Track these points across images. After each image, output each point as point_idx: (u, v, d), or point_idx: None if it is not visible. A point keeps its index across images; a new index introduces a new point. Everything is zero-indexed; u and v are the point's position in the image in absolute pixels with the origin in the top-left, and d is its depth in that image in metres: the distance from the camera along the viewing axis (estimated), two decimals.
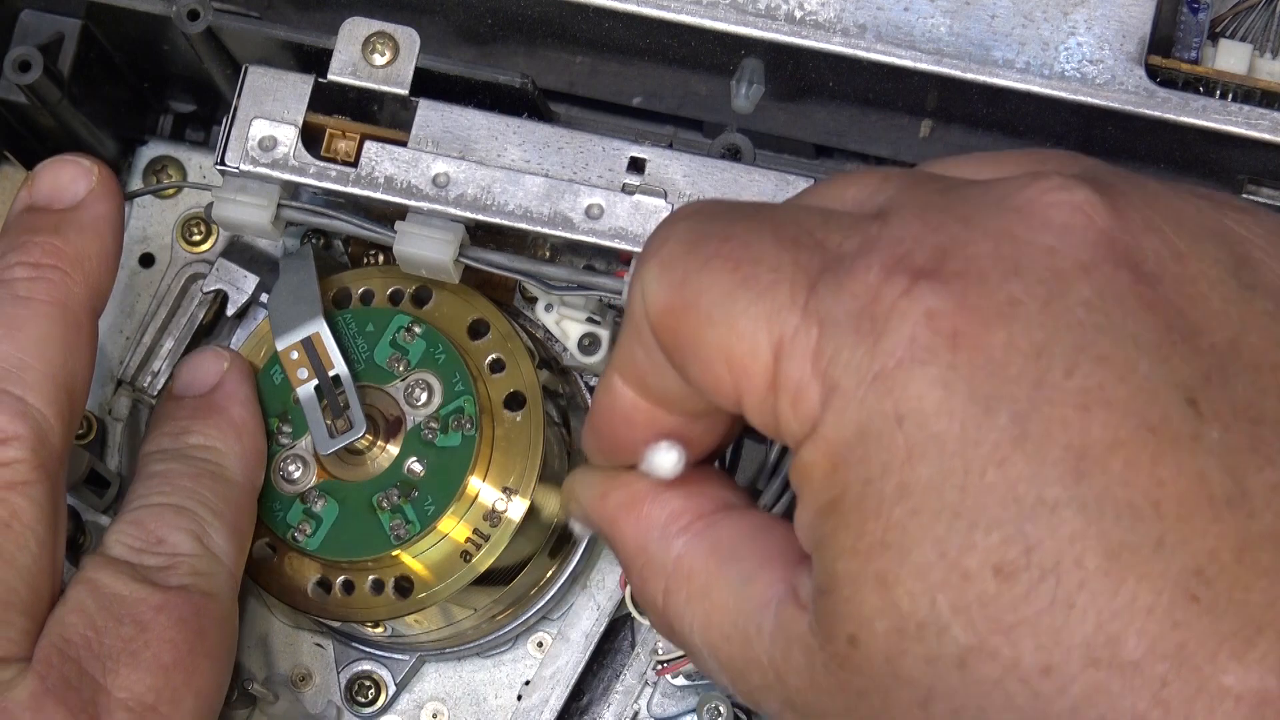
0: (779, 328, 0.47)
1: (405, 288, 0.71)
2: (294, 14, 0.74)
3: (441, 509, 0.68)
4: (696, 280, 0.49)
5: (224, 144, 0.69)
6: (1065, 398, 0.45)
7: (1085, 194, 0.47)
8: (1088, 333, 0.45)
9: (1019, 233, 0.47)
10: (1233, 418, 0.45)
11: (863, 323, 0.46)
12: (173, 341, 0.74)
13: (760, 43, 0.69)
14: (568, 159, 0.68)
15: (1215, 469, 0.44)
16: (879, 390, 0.46)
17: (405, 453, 0.69)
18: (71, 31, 0.72)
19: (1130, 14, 0.68)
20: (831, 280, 0.47)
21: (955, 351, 0.45)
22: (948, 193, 0.49)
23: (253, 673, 0.73)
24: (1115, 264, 0.46)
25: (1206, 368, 0.45)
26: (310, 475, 0.70)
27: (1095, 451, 0.44)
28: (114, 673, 0.61)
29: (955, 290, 0.46)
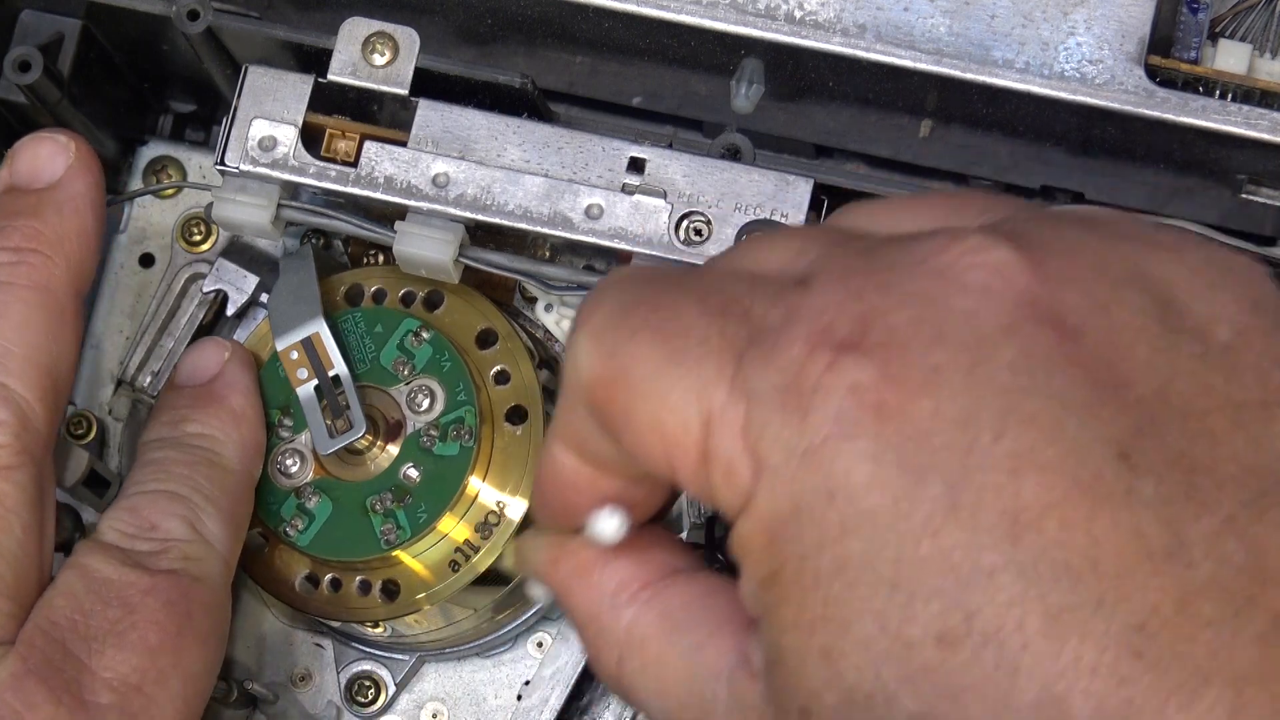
0: (708, 402, 0.47)
1: (418, 290, 0.71)
2: (294, 14, 0.74)
3: (433, 517, 0.68)
4: (626, 352, 0.49)
5: (224, 144, 0.69)
6: (995, 463, 0.44)
7: (1003, 253, 0.47)
8: (1014, 396, 0.45)
9: (939, 298, 0.46)
10: (1166, 468, 0.44)
11: (789, 398, 0.46)
12: (173, 341, 0.74)
13: (760, 43, 0.69)
14: (567, 159, 0.68)
15: (1151, 522, 0.44)
16: (809, 466, 0.46)
17: (403, 457, 0.69)
18: (71, 31, 0.72)
19: (1130, 14, 0.68)
20: (757, 354, 0.47)
21: (882, 424, 0.45)
22: (869, 255, 0.48)
23: (253, 673, 0.73)
24: (1038, 323, 0.46)
25: (1137, 420, 0.45)
26: (307, 470, 0.70)
27: (1029, 515, 0.44)
28: (99, 654, 0.61)
29: (878, 362, 0.46)
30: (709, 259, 0.53)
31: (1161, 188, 0.70)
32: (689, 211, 0.67)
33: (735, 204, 0.67)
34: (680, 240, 0.67)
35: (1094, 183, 0.71)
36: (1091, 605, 0.43)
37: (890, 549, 0.45)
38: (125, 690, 0.61)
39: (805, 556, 0.46)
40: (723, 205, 0.67)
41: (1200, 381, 0.46)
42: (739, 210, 0.67)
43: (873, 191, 0.69)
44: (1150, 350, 0.46)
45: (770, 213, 0.67)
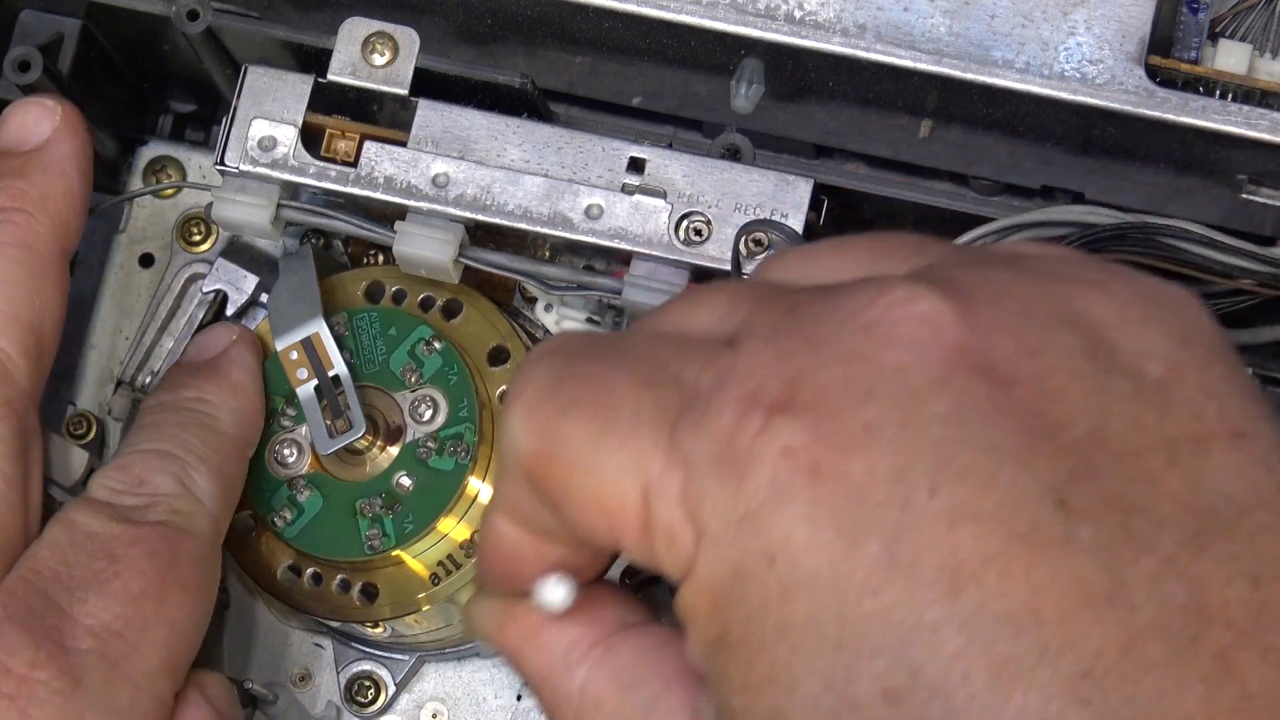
0: (645, 472, 0.47)
1: (439, 297, 0.71)
2: (294, 14, 0.74)
3: (419, 529, 0.68)
4: (559, 427, 0.49)
5: (224, 144, 0.69)
6: (931, 518, 0.44)
7: (931, 302, 0.47)
8: (947, 449, 0.45)
9: (868, 353, 0.46)
10: (1104, 511, 0.44)
11: (724, 465, 0.46)
12: (172, 341, 0.74)
13: (760, 43, 0.69)
14: (567, 159, 0.68)
15: (1091, 567, 0.44)
16: (747, 532, 0.45)
17: (398, 465, 0.69)
18: (71, 31, 0.72)
19: (1130, 14, 0.68)
20: (690, 421, 0.47)
21: (817, 486, 0.45)
22: (796, 312, 0.48)
23: (253, 673, 0.73)
24: (968, 373, 0.46)
25: (1072, 465, 0.45)
26: (303, 463, 0.70)
27: (968, 567, 0.44)
28: (81, 601, 0.61)
29: (810, 422, 0.45)
30: (638, 320, 0.53)
31: (1161, 188, 0.70)
32: (689, 211, 0.67)
33: (735, 204, 0.67)
34: (680, 240, 0.67)
35: (1094, 183, 0.71)
36: (1036, 655, 0.43)
37: (832, 610, 0.44)
38: (106, 636, 0.60)
39: (750, 620, 0.46)
40: (723, 205, 0.67)
41: (1134, 420, 0.46)
42: (739, 210, 0.67)
43: (873, 192, 0.69)
44: (1082, 392, 0.46)
45: (770, 213, 0.67)
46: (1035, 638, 0.43)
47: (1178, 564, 0.44)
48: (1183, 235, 0.66)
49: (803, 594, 0.45)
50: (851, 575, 0.44)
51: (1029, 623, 0.43)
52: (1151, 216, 0.67)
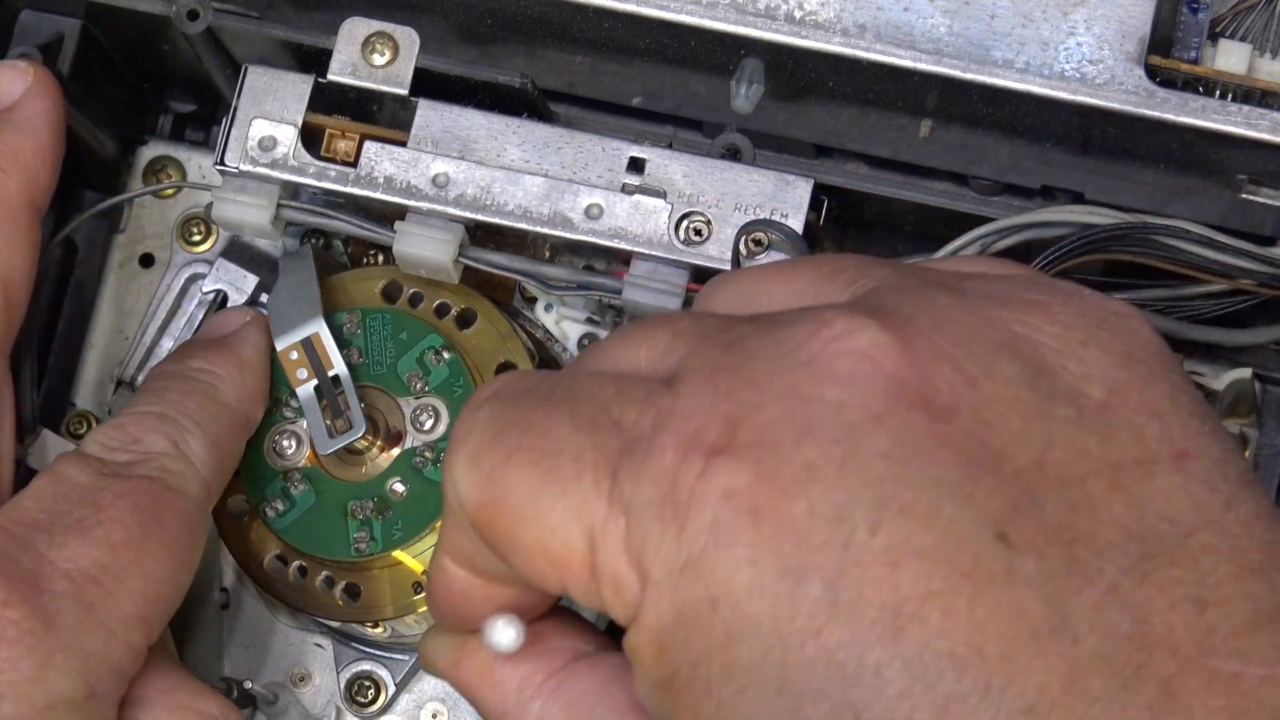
0: (588, 519, 0.47)
1: (455, 305, 0.71)
2: (294, 14, 0.74)
3: (408, 537, 0.68)
4: (502, 476, 0.49)
5: (224, 144, 0.69)
6: (873, 557, 0.44)
7: (870, 335, 0.46)
8: (888, 486, 0.44)
9: (808, 390, 0.46)
10: (1046, 543, 0.44)
11: (665, 510, 0.46)
12: (172, 341, 0.74)
13: (760, 43, 0.69)
14: (567, 159, 0.68)
15: (1034, 600, 0.43)
16: (690, 577, 0.45)
17: (393, 471, 0.69)
18: (71, 31, 0.72)
19: (1130, 14, 0.68)
20: (630, 466, 0.47)
21: (758, 528, 0.45)
22: (735, 348, 0.48)
23: (252, 673, 0.73)
24: (908, 407, 0.45)
25: (1014, 496, 0.45)
26: (301, 455, 0.70)
27: (910, 606, 0.43)
28: (61, 546, 0.61)
29: (749, 464, 0.45)
30: (580, 357, 0.53)
31: (1161, 188, 0.70)
32: (689, 211, 0.67)
33: (735, 204, 0.67)
34: (680, 240, 0.67)
35: (1094, 183, 0.71)
36: (980, 692, 0.43)
37: (775, 653, 0.44)
38: (83, 580, 0.61)
39: (695, 664, 0.46)
40: (723, 205, 0.67)
41: (1075, 446, 0.45)
42: (739, 210, 0.67)
43: (873, 192, 0.69)
44: (1023, 420, 0.46)
45: (770, 213, 0.67)
46: (978, 675, 0.43)
47: (1121, 592, 0.44)
48: (1182, 235, 0.66)
49: (746, 638, 0.45)
50: (794, 618, 0.44)
51: (972, 660, 0.43)
52: (1151, 216, 0.67)
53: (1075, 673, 0.43)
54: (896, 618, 0.43)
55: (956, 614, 0.43)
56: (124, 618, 0.61)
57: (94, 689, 0.60)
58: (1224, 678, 0.43)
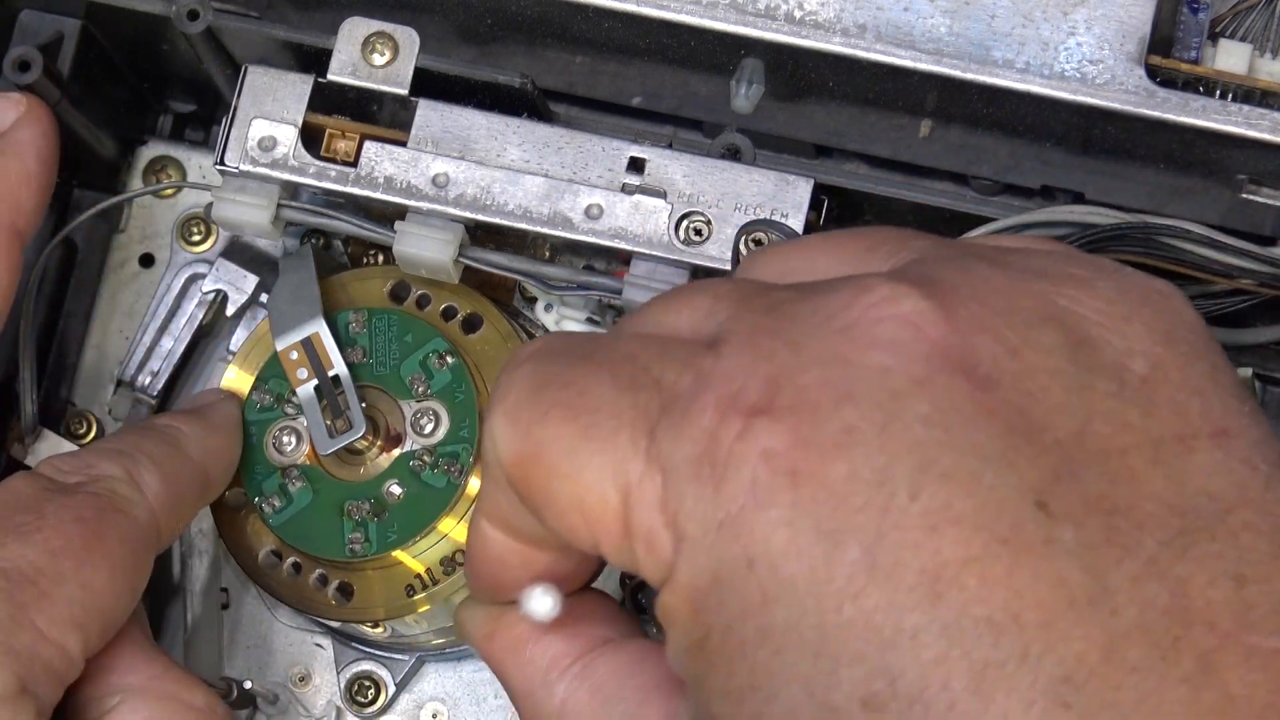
0: (624, 476, 0.47)
1: (462, 309, 0.71)
2: (294, 14, 0.74)
3: (402, 541, 0.68)
4: (540, 432, 0.49)
5: (223, 144, 0.69)
6: (912, 521, 0.44)
7: (913, 303, 0.46)
8: (929, 451, 0.44)
9: (850, 354, 0.46)
10: (1085, 513, 0.44)
11: (703, 469, 0.46)
12: (172, 341, 0.74)
13: (760, 43, 0.69)
14: (567, 159, 0.68)
15: (1073, 570, 0.43)
16: (727, 537, 0.45)
17: (391, 473, 0.69)
18: (71, 31, 0.72)
19: (1130, 14, 0.68)
20: (669, 424, 0.47)
21: (797, 490, 0.45)
22: (777, 313, 0.48)
23: (252, 673, 0.73)
24: (950, 373, 0.45)
25: (1054, 465, 0.44)
26: (300, 452, 0.70)
27: (949, 572, 0.43)
28: (1, 546, 0.61)
29: (790, 425, 0.45)
30: (620, 321, 0.53)
31: (1161, 188, 0.70)
32: (689, 211, 0.67)
33: (735, 204, 0.67)
34: (680, 240, 0.67)
35: (1094, 183, 0.71)
36: (1017, 659, 0.43)
37: (812, 615, 0.44)
38: (18, 579, 0.61)
39: (730, 626, 0.46)
40: (723, 205, 0.67)
41: (1117, 420, 0.45)
42: (739, 210, 0.67)
43: (873, 192, 0.69)
44: (1065, 392, 0.46)
45: (770, 213, 0.67)
46: (1016, 642, 0.43)
47: (1160, 565, 0.44)
48: (1183, 235, 0.66)
49: (783, 599, 0.45)
50: (831, 580, 0.44)
51: (1010, 627, 0.43)
52: (1151, 216, 0.67)
53: (1113, 642, 0.43)
54: (935, 582, 0.43)
55: (995, 580, 0.43)
56: (57, 620, 0.61)
57: (26, 686, 0.60)
58: (1262, 654, 0.43)
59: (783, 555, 0.45)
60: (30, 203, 0.67)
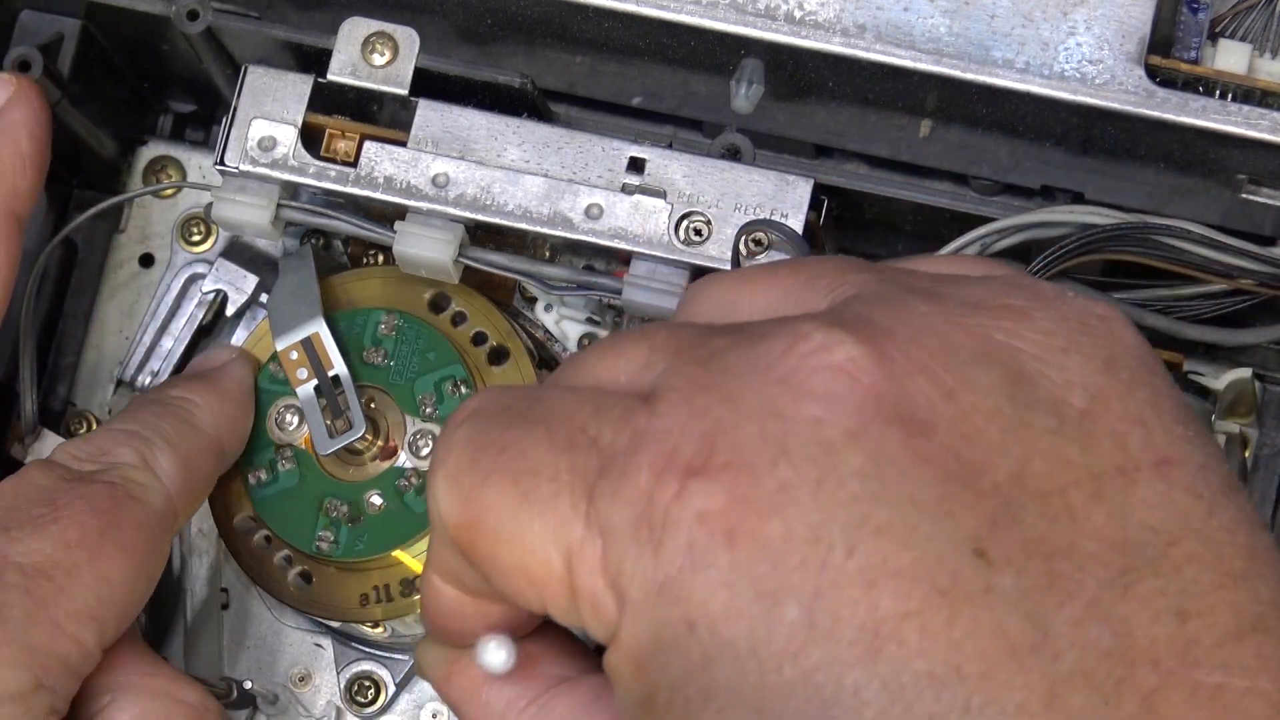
0: (566, 540, 0.47)
1: (493, 339, 0.71)
2: (294, 14, 0.74)
3: (369, 552, 0.69)
4: (481, 496, 0.49)
5: (223, 144, 0.69)
6: (850, 578, 0.44)
7: (846, 350, 0.46)
8: (864, 505, 0.44)
9: (784, 407, 0.46)
10: (1025, 558, 0.44)
11: (641, 531, 0.46)
12: (172, 341, 0.74)
13: (760, 43, 0.69)
14: (567, 159, 0.68)
15: (1013, 617, 0.43)
16: (667, 600, 0.45)
17: (376, 483, 0.69)
18: (71, 31, 0.72)
19: (1130, 14, 0.68)
20: (607, 486, 0.47)
21: (734, 550, 0.44)
22: (711, 364, 0.48)
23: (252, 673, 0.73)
24: (885, 422, 0.45)
25: (992, 511, 0.44)
26: (299, 434, 0.70)
27: (888, 627, 0.43)
28: (16, 540, 0.61)
29: (725, 485, 0.45)
30: (559, 369, 0.53)
31: (1161, 188, 0.70)
32: (689, 211, 0.67)
33: (735, 204, 0.67)
34: (680, 240, 0.67)
35: (1094, 183, 0.71)
36: (959, 711, 0.42)
37: (753, 676, 0.44)
38: (34, 574, 0.61)
39: (674, 686, 0.46)
40: (723, 205, 0.67)
41: (1056, 457, 0.45)
42: (739, 210, 0.67)
43: (873, 191, 0.69)
44: (1002, 432, 0.45)
45: (770, 212, 0.67)
46: (957, 694, 0.43)
47: (1102, 605, 0.43)
48: (1183, 235, 0.66)
49: (724, 660, 0.45)
50: (771, 640, 0.44)
51: (951, 679, 0.43)
52: (1151, 216, 0.67)
53: (1055, 689, 0.43)
54: (874, 638, 0.43)
55: (934, 633, 0.43)
56: (74, 614, 0.61)
57: (41, 681, 0.60)
58: (1207, 690, 0.43)
59: (722, 617, 0.44)
60: (26, 184, 0.67)
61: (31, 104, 0.67)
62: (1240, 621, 0.44)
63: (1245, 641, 0.44)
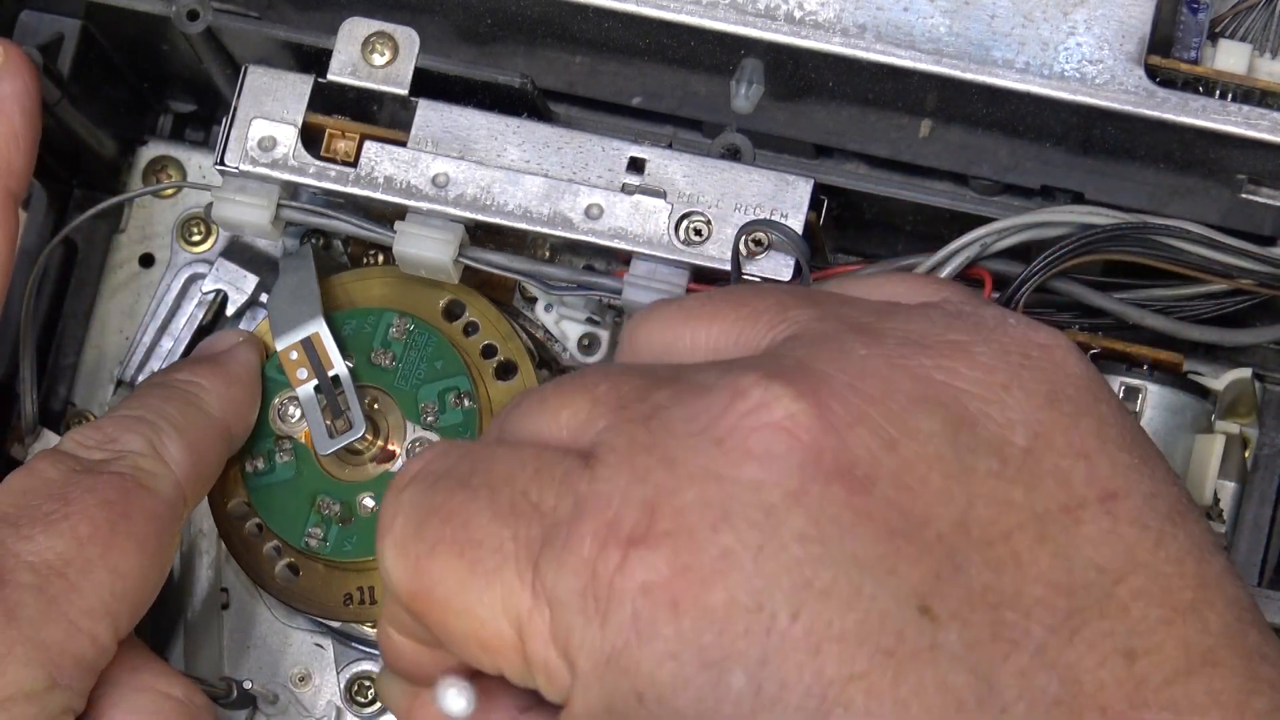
0: (514, 610, 0.47)
1: (503, 353, 0.71)
2: (294, 14, 0.74)
3: (356, 554, 0.69)
4: (428, 568, 0.49)
5: (223, 144, 0.69)
6: (795, 644, 0.44)
7: (785, 406, 0.46)
8: (806, 568, 0.44)
9: (724, 470, 0.45)
10: (970, 610, 0.44)
11: (587, 603, 0.46)
12: (172, 341, 0.74)
13: (760, 43, 0.69)
14: (567, 159, 0.68)
15: (958, 673, 0.43)
16: (615, 671, 0.45)
17: (371, 486, 0.69)
18: (71, 31, 0.72)
19: (1130, 14, 0.68)
20: (551, 556, 0.46)
21: (678, 620, 0.45)
22: (652, 424, 0.47)
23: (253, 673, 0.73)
24: (825, 481, 0.45)
25: (936, 564, 0.44)
26: (299, 428, 0.70)
27: (834, 690, 0.43)
28: (28, 539, 0.61)
29: (667, 554, 0.45)
30: (499, 419, 0.53)
31: (1161, 188, 0.70)
32: (689, 211, 0.67)
33: (735, 204, 0.67)
34: (680, 240, 0.67)
35: (1094, 183, 0.71)
36: None
37: None
38: (47, 573, 0.61)
39: None
40: (723, 205, 0.67)
41: (999, 500, 0.45)
42: (739, 210, 0.67)
43: (873, 191, 0.69)
44: (944, 479, 0.45)
45: (770, 213, 0.67)
46: None
47: (1049, 653, 0.43)
48: (1182, 235, 0.66)
49: None
50: (719, 709, 0.44)
51: None
52: (1151, 216, 0.67)
53: None
54: (821, 703, 0.43)
55: (881, 694, 0.43)
56: (88, 610, 0.61)
57: (56, 680, 0.60)
58: None
59: (670, 688, 0.45)
60: (20, 161, 0.66)
61: (22, 75, 0.66)
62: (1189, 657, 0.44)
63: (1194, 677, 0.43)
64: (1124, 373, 0.67)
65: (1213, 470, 0.67)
